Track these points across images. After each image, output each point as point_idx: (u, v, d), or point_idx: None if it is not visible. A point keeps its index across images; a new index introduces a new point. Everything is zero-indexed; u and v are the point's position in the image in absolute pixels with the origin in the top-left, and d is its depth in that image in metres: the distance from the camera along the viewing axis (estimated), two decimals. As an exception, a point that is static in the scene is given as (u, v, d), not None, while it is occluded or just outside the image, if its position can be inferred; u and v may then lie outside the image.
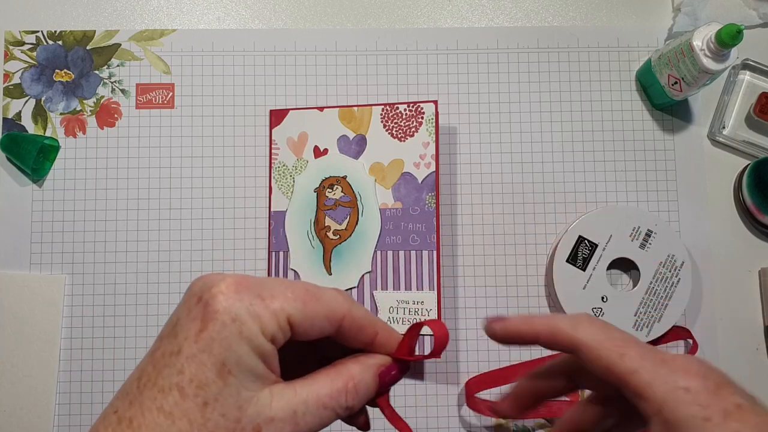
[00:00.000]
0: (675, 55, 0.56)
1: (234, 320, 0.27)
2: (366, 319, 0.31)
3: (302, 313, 0.28)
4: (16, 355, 0.58)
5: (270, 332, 0.27)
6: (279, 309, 0.28)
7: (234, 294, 0.27)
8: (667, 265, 0.58)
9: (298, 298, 0.29)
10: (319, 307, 0.29)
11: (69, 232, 0.60)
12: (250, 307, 0.27)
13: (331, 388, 0.29)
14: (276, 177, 0.61)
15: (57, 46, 0.62)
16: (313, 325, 0.29)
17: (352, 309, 0.30)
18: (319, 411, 0.29)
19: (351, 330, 0.30)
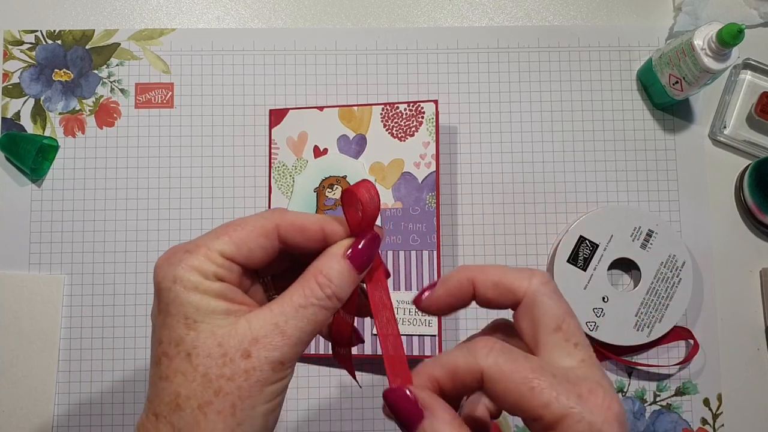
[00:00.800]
0: (676, 54, 0.56)
1: (174, 281, 0.29)
2: (303, 218, 0.32)
3: (230, 243, 0.30)
4: (15, 355, 0.58)
5: (210, 273, 0.30)
6: (207, 251, 0.30)
7: (166, 263, 0.30)
8: (668, 265, 0.58)
9: (220, 234, 0.31)
10: (245, 231, 0.31)
11: (68, 232, 0.60)
12: (182, 264, 0.30)
13: (302, 288, 0.30)
14: (276, 177, 0.61)
15: (56, 46, 0.62)
16: (251, 248, 0.31)
17: (283, 216, 0.31)
18: (299, 312, 0.30)
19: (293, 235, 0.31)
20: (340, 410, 0.59)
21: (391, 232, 0.58)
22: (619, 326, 0.57)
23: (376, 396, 0.59)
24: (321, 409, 0.59)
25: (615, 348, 0.58)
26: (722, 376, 0.59)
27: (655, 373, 0.59)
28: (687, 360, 0.59)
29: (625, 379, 0.59)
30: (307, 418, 0.58)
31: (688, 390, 0.59)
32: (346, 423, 0.58)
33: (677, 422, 0.59)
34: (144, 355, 0.59)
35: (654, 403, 0.59)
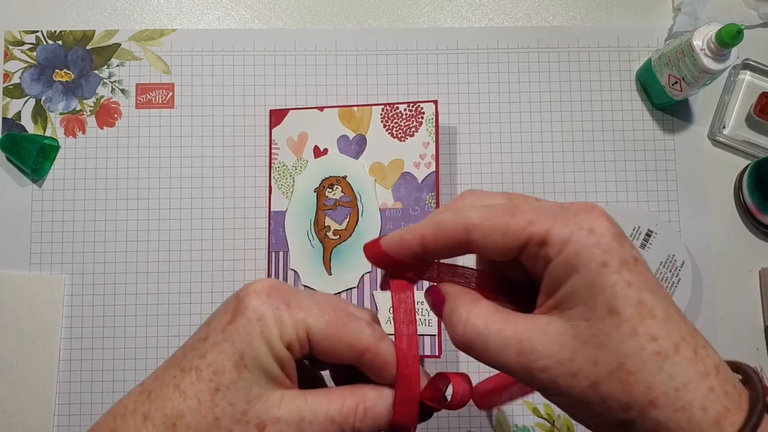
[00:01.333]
0: (675, 54, 0.56)
1: (259, 319, 0.28)
2: (391, 357, 0.30)
3: (322, 332, 0.29)
4: (16, 355, 0.58)
5: (287, 339, 0.28)
6: (301, 320, 0.29)
7: (265, 296, 0.29)
8: (668, 265, 0.58)
9: (323, 315, 0.29)
10: (341, 332, 0.29)
11: (69, 232, 0.60)
12: (276, 311, 0.28)
13: (342, 404, 0.29)
14: (276, 177, 0.61)
15: (57, 46, 0.62)
16: (332, 348, 0.29)
17: (379, 344, 0.30)
18: (326, 424, 0.29)
19: (373, 365, 0.30)
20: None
21: (391, 232, 0.58)
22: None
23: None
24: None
25: (614, 348, 0.58)
26: (721, 376, 0.60)
27: (654, 372, 0.59)
28: (686, 360, 0.59)
29: (625, 378, 0.60)
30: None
31: (687, 390, 0.59)
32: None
33: (677, 422, 0.59)
34: (144, 354, 0.59)
35: (653, 402, 0.59)
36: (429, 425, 0.58)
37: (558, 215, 0.27)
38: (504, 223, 0.27)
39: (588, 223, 0.26)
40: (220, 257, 0.60)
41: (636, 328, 0.25)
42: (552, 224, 0.26)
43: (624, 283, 0.25)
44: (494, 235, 0.27)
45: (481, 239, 0.28)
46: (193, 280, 0.60)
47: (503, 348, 0.27)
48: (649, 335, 0.25)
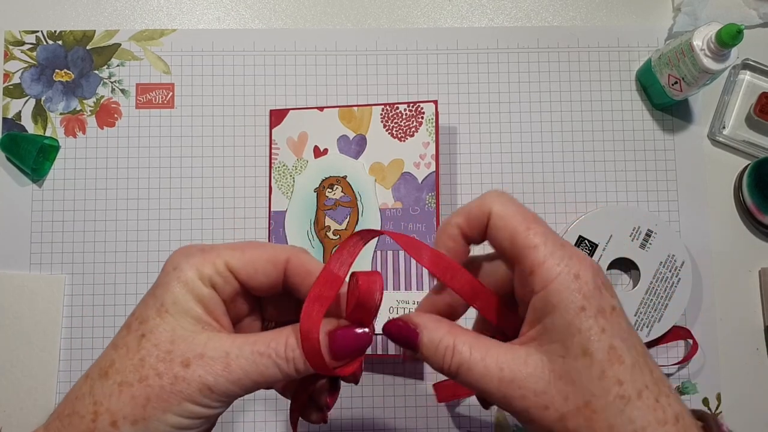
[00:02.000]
0: (675, 54, 0.56)
1: (175, 269, 0.30)
2: (314, 264, 0.32)
3: (241, 259, 0.31)
4: (16, 355, 0.58)
5: (207, 276, 0.30)
6: (216, 256, 0.31)
7: (181, 252, 0.31)
8: (668, 265, 0.58)
9: (237, 247, 0.31)
10: (258, 252, 0.31)
11: (69, 232, 0.60)
12: (190, 258, 0.31)
13: (271, 337, 0.30)
14: (276, 177, 0.61)
15: (57, 46, 0.62)
16: (256, 270, 0.31)
17: (299, 254, 0.32)
18: (254, 356, 0.29)
19: (297, 275, 0.31)
20: (340, 410, 0.59)
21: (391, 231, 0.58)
22: (619, 326, 0.57)
23: (375, 395, 0.59)
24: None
25: (614, 348, 0.58)
26: (721, 376, 0.60)
27: (654, 372, 0.59)
28: (686, 360, 0.59)
29: (625, 378, 0.60)
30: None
31: (687, 389, 0.59)
32: (345, 423, 0.59)
33: (676, 422, 0.59)
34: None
35: (653, 402, 0.59)
36: (428, 425, 0.58)
37: (556, 251, 0.29)
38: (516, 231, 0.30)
39: (577, 269, 0.29)
40: (220, 257, 0.60)
41: (605, 370, 0.28)
42: (548, 258, 0.29)
43: (599, 328, 0.28)
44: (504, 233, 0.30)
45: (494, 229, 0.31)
46: (193, 280, 0.60)
47: (484, 375, 0.29)
48: (616, 379, 0.28)
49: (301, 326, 0.29)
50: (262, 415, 0.58)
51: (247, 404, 0.59)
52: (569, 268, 0.29)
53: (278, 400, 0.58)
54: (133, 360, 0.29)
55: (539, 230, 0.30)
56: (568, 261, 0.29)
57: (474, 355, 0.30)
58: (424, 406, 0.59)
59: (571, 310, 0.28)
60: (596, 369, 0.28)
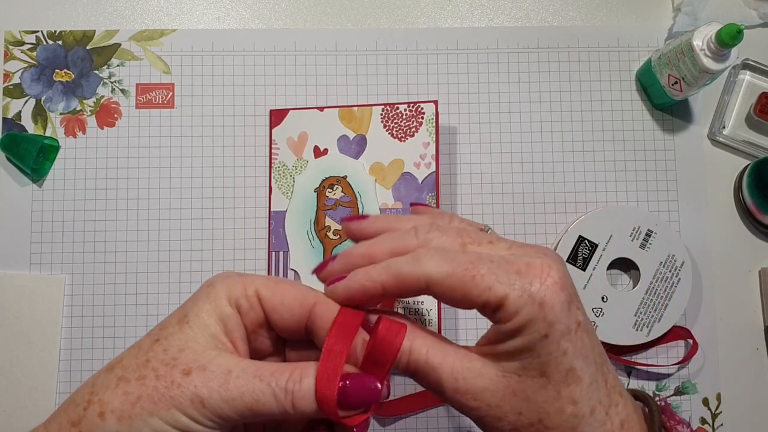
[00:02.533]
0: (675, 54, 0.56)
1: (209, 286, 0.31)
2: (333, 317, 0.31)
3: (270, 289, 0.31)
4: (16, 355, 0.58)
5: (234, 297, 0.30)
6: (249, 282, 0.31)
7: (223, 274, 0.32)
8: (668, 265, 0.58)
9: (271, 279, 0.31)
10: (289, 289, 0.31)
11: (69, 232, 0.60)
12: (226, 279, 0.31)
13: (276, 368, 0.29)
14: (276, 177, 0.61)
15: (57, 46, 0.62)
16: (283, 304, 0.31)
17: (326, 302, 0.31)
18: (253, 380, 0.29)
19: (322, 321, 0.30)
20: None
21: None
22: (618, 326, 0.57)
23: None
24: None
25: (614, 348, 0.58)
26: (721, 376, 0.60)
27: (654, 372, 0.59)
28: (686, 360, 0.59)
29: (625, 378, 0.60)
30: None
31: (687, 389, 0.59)
32: (346, 422, 0.58)
33: (676, 422, 0.59)
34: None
35: (653, 402, 0.59)
36: (428, 425, 0.58)
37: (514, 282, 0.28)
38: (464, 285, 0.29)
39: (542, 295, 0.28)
40: (220, 257, 0.60)
41: (560, 391, 0.29)
42: (509, 292, 0.28)
43: (560, 352, 0.28)
44: (453, 294, 0.29)
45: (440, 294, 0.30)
46: (193, 281, 0.60)
47: (440, 382, 0.30)
48: (570, 399, 0.29)
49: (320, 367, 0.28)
50: None
51: None
52: (533, 297, 0.28)
53: None
54: (139, 359, 0.29)
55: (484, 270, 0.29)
56: (530, 288, 0.28)
57: (430, 362, 0.30)
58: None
59: (534, 338, 0.28)
60: (552, 390, 0.29)
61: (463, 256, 0.29)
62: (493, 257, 0.29)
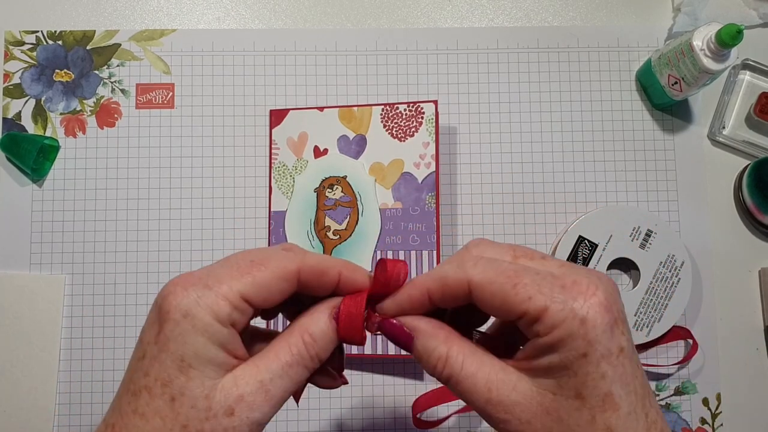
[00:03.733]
0: (675, 55, 0.56)
1: (185, 316, 0.28)
2: (324, 263, 0.31)
3: (253, 286, 0.29)
4: (16, 355, 0.58)
5: (225, 317, 0.28)
6: (228, 291, 0.29)
7: (182, 291, 0.28)
8: (667, 265, 0.58)
9: (244, 272, 0.29)
10: (268, 273, 0.30)
11: (69, 232, 0.60)
12: (199, 300, 0.28)
13: (288, 347, 0.30)
14: (276, 177, 0.61)
15: (57, 46, 0.62)
16: (271, 291, 0.30)
17: (305, 259, 0.31)
18: (284, 371, 0.29)
19: (312, 279, 0.31)
20: (340, 410, 0.59)
21: (391, 232, 0.58)
22: (619, 326, 0.57)
23: (376, 395, 0.59)
24: (321, 409, 0.59)
25: (614, 348, 0.58)
26: (721, 376, 0.60)
27: (654, 372, 0.59)
28: (686, 360, 0.59)
29: (625, 378, 0.59)
30: (307, 417, 0.58)
31: (687, 389, 0.59)
32: (345, 423, 0.59)
33: (676, 422, 0.59)
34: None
35: (653, 402, 0.59)
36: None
37: (556, 296, 0.27)
38: (504, 292, 0.28)
39: (583, 311, 0.27)
40: (221, 257, 0.60)
41: (595, 416, 0.27)
42: (549, 304, 0.27)
43: (599, 374, 0.27)
44: (494, 300, 0.29)
45: (480, 300, 0.29)
46: (193, 280, 0.60)
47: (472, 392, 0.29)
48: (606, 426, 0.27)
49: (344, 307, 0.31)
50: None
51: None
52: (574, 312, 0.27)
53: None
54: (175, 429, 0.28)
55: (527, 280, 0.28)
56: (573, 304, 0.27)
57: (465, 370, 0.29)
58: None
59: (572, 356, 0.27)
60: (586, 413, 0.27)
61: (508, 265, 0.29)
62: (539, 271, 0.29)
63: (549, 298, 0.27)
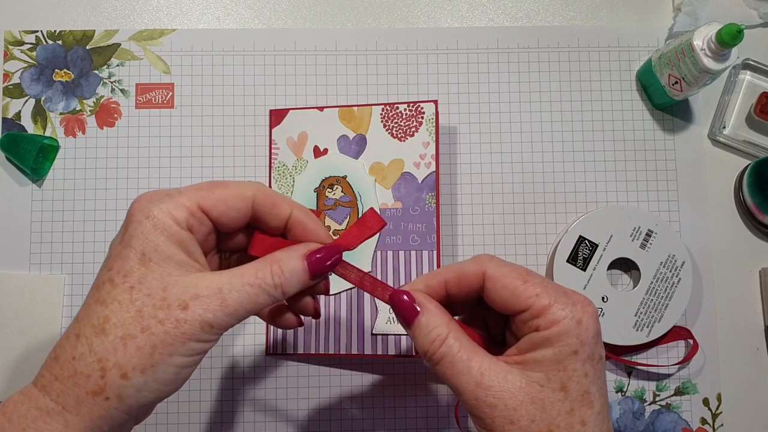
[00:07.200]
0: (675, 54, 0.56)
1: (147, 217, 0.31)
2: (278, 196, 0.34)
3: (210, 199, 0.32)
4: (16, 356, 0.58)
5: (182, 220, 0.31)
6: (186, 199, 0.32)
7: (146, 199, 0.32)
8: (668, 265, 0.58)
9: (204, 187, 0.33)
10: (227, 190, 0.33)
11: (69, 232, 0.60)
12: (161, 205, 0.31)
13: (256, 269, 0.32)
14: (276, 177, 0.61)
15: (57, 46, 0.62)
16: (227, 206, 0.33)
17: (262, 187, 0.34)
18: (245, 288, 0.32)
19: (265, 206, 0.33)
20: (340, 410, 0.59)
21: (391, 232, 0.58)
22: (619, 326, 0.57)
23: (375, 396, 0.59)
24: (321, 409, 0.59)
25: (614, 348, 0.58)
26: (722, 376, 0.60)
27: (654, 372, 0.59)
28: (686, 360, 0.59)
29: (625, 378, 0.60)
30: (307, 417, 0.58)
31: (687, 390, 0.59)
32: (345, 423, 0.59)
33: (677, 422, 0.59)
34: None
35: (653, 402, 0.59)
36: (429, 425, 0.58)
37: (560, 298, 0.32)
38: (515, 285, 0.33)
39: (580, 315, 0.32)
40: (220, 257, 0.60)
41: (574, 409, 0.31)
42: (553, 303, 0.32)
43: (583, 372, 0.32)
44: (504, 292, 0.33)
45: (492, 290, 0.33)
46: (193, 280, 0.60)
47: (464, 374, 0.32)
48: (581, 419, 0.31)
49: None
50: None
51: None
52: (573, 314, 0.32)
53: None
54: (130, 312, 0.30)
55: (536, 281, 0.33)
56: (572, 307, 0.32)
57: (461, 353, 0.32)
58: (423, 407, 0.59)
59: (564, 351, 0.31)
60: (567, 404, 0.31)
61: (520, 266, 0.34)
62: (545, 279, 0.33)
63: (554, 298, 0.32)
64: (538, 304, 0.32)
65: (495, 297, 0.33)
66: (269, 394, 0.58)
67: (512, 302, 0.33)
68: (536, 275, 0.33)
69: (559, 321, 0.31)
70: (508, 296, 0.33)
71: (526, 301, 0.32)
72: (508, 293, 0.33)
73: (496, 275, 0.33)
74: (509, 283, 0.33)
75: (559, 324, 0.31)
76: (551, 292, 0.32)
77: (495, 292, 0.33)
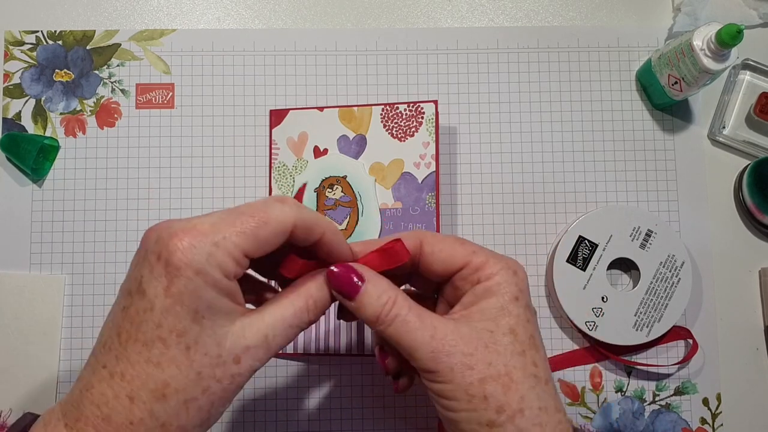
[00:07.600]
0: (675, 55, 0.56)
1: (198, 273, 0.30)
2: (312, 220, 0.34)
3: (255, 243, 0.32)
4: (15, 356, 0.58)
5: (231, 272, 0.31)
6: (233, 248, 0.31)
7: (190, 247, 0.30)
8: (668, 265, 0.58)
9: (248, 231, 0.31)
10: (269, 230, 0.32)
11: (69, 232, 0.60)
12: (210, 258, 0.30)
13: (294, 308, 0.33)
14: (276, 177, 0.61)
15: (57, 46, 0.62)
16: (269, 245, 0.33)
17: (301, 214, 0.33)
18: (286, 331, 0.33)
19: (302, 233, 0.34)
20: (340, 409, 0.59)
21: (391, 232, 0.58)
22: (619, 326, 0.57)
23: (376, 396, 0.59)
24: (321, 409, 0.59)
25: (614, 348, 0.58)
26: (721, 376, 0.60)
27: (654, 372, 0.59)
28: (686, 360, 0.59)
29: (624, 378, 0.60)
30: (308, 417, 0.58)
31: (687, 390, 0.59)
32: (345, 422, 0.59)
33: (676, 422, 0.59)
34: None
35: (653, 402, 0.59)
36: (429, 425, 0.58)
37: (494, 254, 0.36)
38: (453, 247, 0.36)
39: (515, 267, 0.35)
40: (220, 257, 0.60)
41: (525, 351, 0.34)
42: (489, 258, 0.35)
43: (526, 318, 0.34)
44: (442, 253, 0.36)
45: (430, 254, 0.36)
46: (193, 280, 0.60)
47: (420, 329, 0.33)
48: (533, 361, 0.34)
49: None
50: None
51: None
52: (508, 265, 0.35)
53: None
54: (190, 376, 0.30)
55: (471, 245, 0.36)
56: (506, 261, 0.35)
57: (412, 312, 0.34)
58: (424, 407, 0.59)
59: (507, 298, 0.34)
60: (518, 346, 0.33)
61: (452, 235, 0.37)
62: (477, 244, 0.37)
63: (489, 254, 0.36)
64: (477, 260, 0.35)
65: (434, 260, 0.36)
66: (269, 394, 0.58)
67: (451, 261, 0.35)
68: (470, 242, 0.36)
69: (498, 272, 0.34)
70: (447, 257, 0.35)
71: (464, 258, 0.35)
72: (447, 254, 0.35)
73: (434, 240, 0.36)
74: (447, 246, 0.35)
75: (499, 274, 0.34)
76: (485, 251, 0.36)
77: (433, 255, 0.36)
